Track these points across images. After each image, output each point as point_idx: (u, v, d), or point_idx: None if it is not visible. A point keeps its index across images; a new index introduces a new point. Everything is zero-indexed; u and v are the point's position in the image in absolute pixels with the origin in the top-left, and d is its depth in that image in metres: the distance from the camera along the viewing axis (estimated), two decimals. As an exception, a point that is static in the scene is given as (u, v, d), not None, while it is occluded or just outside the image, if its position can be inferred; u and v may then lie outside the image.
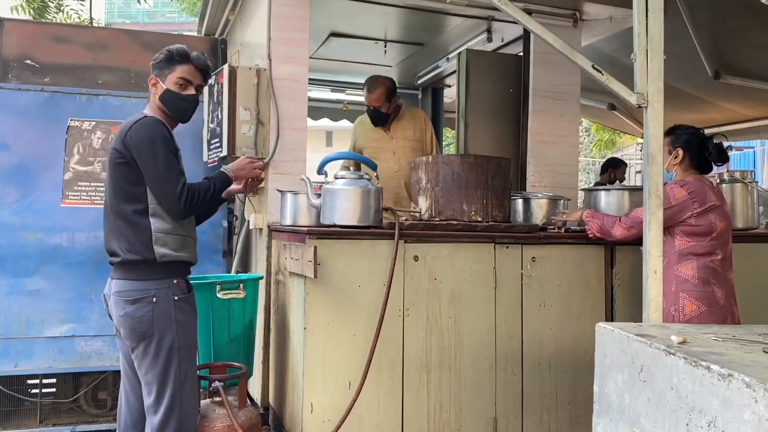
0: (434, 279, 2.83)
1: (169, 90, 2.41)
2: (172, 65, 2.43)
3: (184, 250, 2.39)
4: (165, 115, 2.44)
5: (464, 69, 4.27)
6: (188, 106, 2.47)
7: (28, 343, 3.51)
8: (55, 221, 3.61)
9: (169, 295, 2.31)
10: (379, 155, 4.03)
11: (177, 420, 2.29)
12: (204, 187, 2.36)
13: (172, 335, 2.30)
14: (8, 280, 3.51)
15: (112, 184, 2.34)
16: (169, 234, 2.33)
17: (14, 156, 3.60)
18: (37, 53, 3.80)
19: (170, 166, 2.28)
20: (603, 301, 3.12)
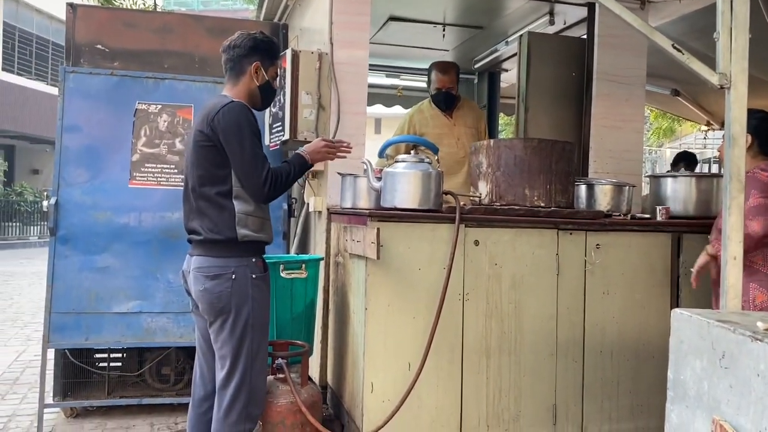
0: (495, 264, 2.82)
1: (269, 82, 2.52)
2: (273, 59, 2.54)
3: (263, 231, 2.47)
4: (250, 101, 2.49)
5: (525, 52, 4.20)
6: (273, 99, 2.67)
7: (98, 318, 3.65)
8: (123, 201, 3.73)
9: (247, 273, 2.38)
10: (442, 141, 4.03)
11: (247, 394, 2.37)
12: (285, 172, 2.42)
13: (247, 311, 2.37)
14: (79, 257, 3.65)
15: (196, 165, 2.41)
16: (250, 216, 2.41)
17: (85, 138, 3.73)
18: (107, 38, 3.92)
19: (256, 152, 2.34)
20: (668, 291, 3.04)
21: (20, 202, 18.90)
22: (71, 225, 3.65)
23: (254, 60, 2.47)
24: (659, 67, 4.62)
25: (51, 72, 20.27)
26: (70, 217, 3.66)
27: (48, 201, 3.67)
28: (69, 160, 3.69)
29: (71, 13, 3.85)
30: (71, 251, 3.64)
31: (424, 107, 4.26)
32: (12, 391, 4.38)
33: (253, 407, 2.41)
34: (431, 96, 4.21)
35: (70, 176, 3.68)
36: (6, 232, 18.26)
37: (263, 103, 2.58)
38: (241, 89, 2.48)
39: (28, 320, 7.07)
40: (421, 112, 4.25)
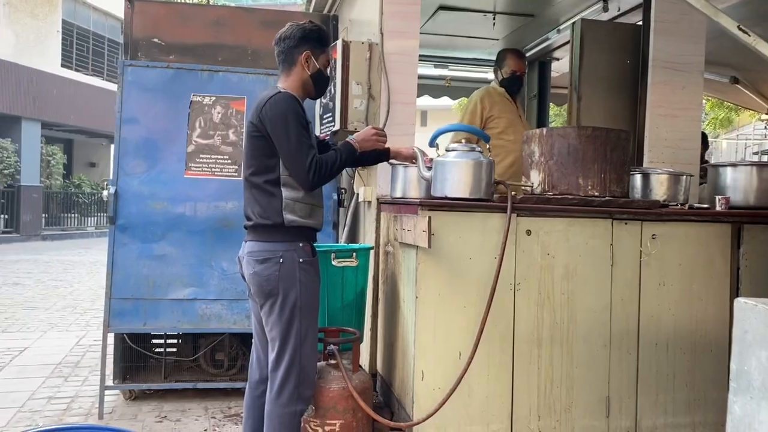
0: (547, 254, 2.79)
1: (320, 71, 2.55)
2: (324, 47, 2.57)
3: (311, 217, 2.52)
4: (303, 90, 2.55)
5: (578, 40, 4.13)
6: (326, 88, 2.71)
7: (155, 304, 3.76)
8: (179, 191, 3.83)
9: (295, 257, 2.44)
10: (516, 127, 4.03)
11: (297, 375, 2.43)
12: (331, 160, 2.46)
13: (295, 294, 2.43)
14: (138, 245, 3.77)
15: (248, 155, 2.51)
16: (298, 202, 2.47)
17: (143, 129, 3.85)
18: (163, 32, 4.02)
19: (301, 141, 2.39)
20: (728, 282, 2.96)
21: (78, 194, 19.60)
22: (130, 214, 3.77)
23: (304, 50, 2.51)
24: (718, 54, 4.48)
25: (107, 68, 20.90)
26: (129, 206, 3.78)
27: (108, 191, 3.80)
28: (128, 151, 3.81)
29: (129, 8, 3.97)
30: (130, 239, 3.77)
31: (491, 91, 4.23)
32: (74, 374, 4.56)
33: (304, 388, 2.46)
34: (503, 80, 4.21)
35: (128, 167, 3.80)
36: (65, 223, 18.97)
37: (317, 92, 2.61)
38: (293, 80, 2.53)
39: (87, 307, 7.34)
40: (490, 95, 4.19)
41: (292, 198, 2.45)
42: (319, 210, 2.58)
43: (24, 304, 7.40)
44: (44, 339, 5.62)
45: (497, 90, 4.22)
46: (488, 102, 4.13)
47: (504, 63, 4.23)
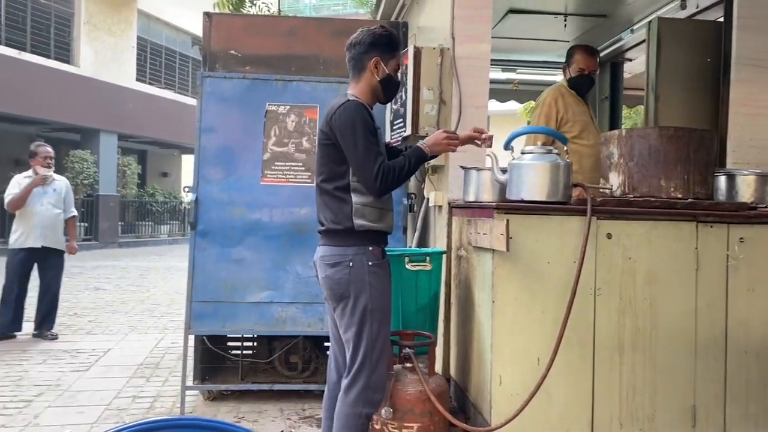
0: (628, 258, 2.72)
1: (390, 76, 2.56)
2: (394, 51, 2.57)
3: (381, 221, 2.55)
4: (373, 96, 2.59)
5: (655, 39, 4.02)
6: (397, 91, 2.71)
7: (233, 306, 3.87)
8: (256, 197, 3.94)
9: (364, 260, 2.48)
10: (590, 130, 3.89)
11: (366, 377, 2.46)
12: (399, 165, 2.47)
13: (366, 297, 2.47)
14: (217, 249, 3.90)
15: (319, 162, 2.58)
16: (367, 207, 2.50)
17: (221, 138, 3.98)
18: (239, 44, 4.16)
19: (368, 148, 2.42)
20: (823, 288, 2.80)
21: (152, 203, 20.39)
22: (209, 220, 3.91)
23: (373, 55, 2.53)
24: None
25: (178, 81, 21.71)
26: (209, 212, 3.91)
27: (188, 198, 3.94)
28: (207, 159, 3.95)
29: (207, 22, 4.12)
30: (209, 244, 3.90)
31: (563, 92, 4.01)
32: (155, 375, 4.75)
33: (373, 392, 2.48)
34: (571, 79, 3.99)
35: (208, 174, 3.94)
36: (140, 231, 19.76)
37: (386, 97, 2.64)
38: (363, 86, 2.57)
39: (164, 311, 7.62)
40: (563, 96, 3.98)
41: (362, 203, 2.49)
42: (389, 214, 2.60)
43: (105, 307, 7.75)
44: (126, 341, 5.87)
45: (568, 90, 4.01)
46: (562, 104, 3.94)
47: (572, 60, 4.01)
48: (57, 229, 5.95)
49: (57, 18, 16.78)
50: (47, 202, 5.88)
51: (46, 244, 5.85)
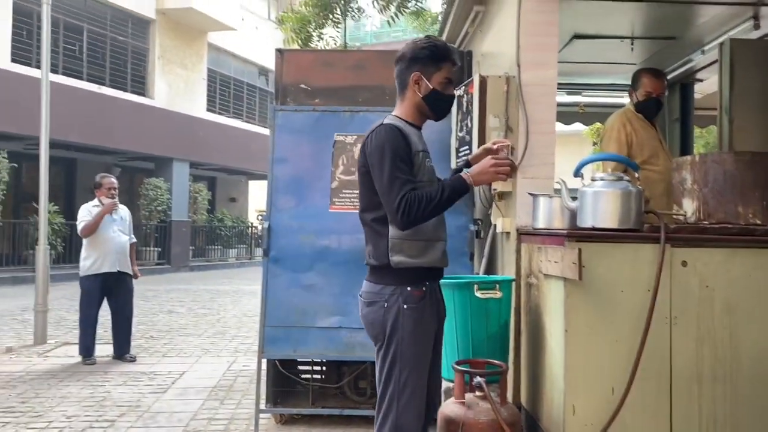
0: (705, 286, 2.65)
1: (435, 90, 2.34)
2: (438, 63, 2.33)
3: (424, 256, 2.32)
4: (419, 115, 2.39)
5: (728, 60, 3.93)
6: (448, 106, 2.44)
7: (304, 331, 3.97)
8: (324, 225, 4.05)
9: (400, 302, 2.28)
10: (659, 155, 3.81)
11: (392, 425, 2.30)
12: (429, 196, 2.23)
13: (397, 342, 2.29)
14: (288, 275, 4.02)
15: (359, 191, 2.45)
16: (406, 240, 2.29)
17: (292, 168, 4.13)
18: (309, 78, 4.32)
19: (393, 176, 2.21)
20: None
21: (221, 228, 21.04)
22: (281, 247, 4.04)
23: (414, 70, 2.34)
24: None
25: (246, 110, 22.48)
26: (280, 239, 4.05)
27: (262, 225, 4.09)
28: (279, 188, 4.10)
29: (279, 58, 4.30)
30: (281, 270, 4.03)
31: (629, 116, 3.92)
32: (228, 397, 4.89)
33: None
34: (638, 103, 3.92)
35: (279, 203, 4.09)
36: (209, 255, 20.40)
37: (436, 114, 2.41)
38: (407, 105, 2.39)
39: (234, 334, 7.84)
40: (630, 121, 3.88)
41: (399, 237, 2.27)
42: (436, 246, 2.36)
43: (179, 330, 8.04)
44: (199, 363, 6.07)
45: (634, 114, 3.93)
46: (630, 128, 3.86)
47: (639, 84, 3.93)
48: (126, 254, 6.26)
49: (133, 53, 17.73)
50: (117, 229, 6.19)
51: (121, 268, 6.16)
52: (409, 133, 2.32)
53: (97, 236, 6.08)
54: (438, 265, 2.39)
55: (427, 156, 2.39)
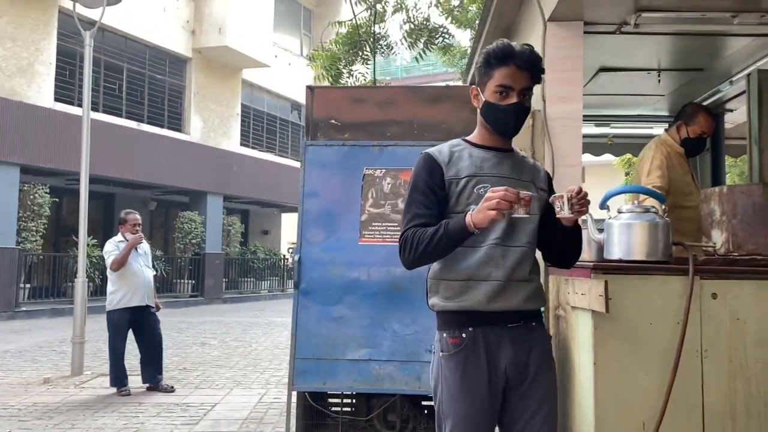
0: (737, 319, 2.62)
1: (487, 102, 2.08)
2: (490, 70, 2.05)
3: (463, 297, 2.08)
4: (488, 133, 2.16)
5: (756, 91, 3.92)
6: (508, 119, 2.08)
7: (333, 364, 4.00)
8: (354, 257, 4.10)
9: (438, 350, 2.14)
10: (693, 191, 3.77)
11: None
12: (428, 235, 2.01)
13: (439, 396, 2.15)
14: (318, 308, 4.07)
15: None
16: (443, 280, 2.11)
17: (322, 202, 4.21)
18: (339, 113, 4.43)
19: (407, 209, 2.12)
20: None
21: (253, 260, 21.28)
22: (311, 279, 4.10)
23: (473, 86, 2.16)
24: None
25: (279, 144, 22.90)
26: (311, 271, 4.11)
27: (293, 257, 4.17)
28: (309, 221, 4.18)
29: (310, 94, 4.42)
30: (311, 303, 4.08)
31: (670, 149, 3.87)
32: (259, 430, 4.93)
33: None
34: (687, 139, 3.87)
35: (310, 236, 4.16)
36: (242, 287, 20.62)
37: (498, 126, 2.11)
38: (478, 124, 2.21)
39: (266, 366, 7.89)
40: (670, 156, 3.84)
41: (435, 276, 2.12)
42: (480, 286, 2.06)
43: (211, 362, 8.12)
44: (231, 395, 6.13)
45: (674, 148, 3.88)
46: (673, 160, 3.83)
47: (694, 121, 3.85)
48: (152, 287, 6.41)
49: (170, 91, 18.29)
50: (143, 263, 6.36)
51: (149, 302, 6.31)
52: (449, 158, 2.12)
53: (126, 270, 6.23)
54: (482, 308, 2.06)
55: (481, 182, 2.07)
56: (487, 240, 2.09)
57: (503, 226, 2.08)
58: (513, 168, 2.18)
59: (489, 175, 2.10)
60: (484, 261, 2.08)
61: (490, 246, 2.09)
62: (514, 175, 2.15)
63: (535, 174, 2.27)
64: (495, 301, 2.08)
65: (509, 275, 2.09)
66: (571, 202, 2.04)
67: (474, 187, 2.08)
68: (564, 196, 2.06)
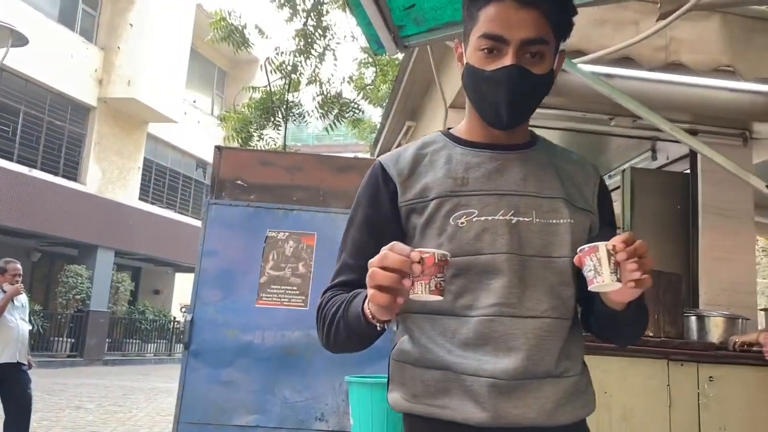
0: (604, 392, 2.83)
1: (468, 66, 1.26)
2: (475, 10, 1.23)
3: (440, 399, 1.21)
4: (478, 120, 1.30)
5: (629, 186, 4.36)
6: (498, 95, 1.22)
7: (218, 429, 3.90)
8: (250, 319, 4.08)
9: None
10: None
11: None
12: (330, 314, 1.23)
13: None
14: (208, 370, 3.99)
15: None
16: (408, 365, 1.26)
17: (221, 261, 4.20)
18: (246, 174, 4.49)
19: (339, 253, 1.32)
20: (794, 430, 2.90)
21: (141, 321, 20.23)
22: (203, 341, 4.03)
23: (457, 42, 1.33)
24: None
25: (179, 201, 22.34)
26: (203, 333, 4.04)
27: (185, 317, 4.09)
28: (206, 281, 4.14)
29: (218, 154, 4.47)
30: (201, 365, 3.99)
31: None
32: (132, 499, 4.62)
33: None
34: None
35: (205, 296, 4.11)
36: (126, 349, 19.44)
37: (483, 106, 1.27)
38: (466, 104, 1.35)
39: (145, 433, 7.45)
40: None
41: (401, 355, 1.27)
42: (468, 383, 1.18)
43: (86, 427, 7.57)
44: (104, 463, 5.72)
45: None
46: None
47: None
48: (27, 343, 5.98)
49: (69, 138, 17.61)
50: (19, 317, 5.95)
51: (20, 359, 5.86)
52: (410, 168, 1.27)
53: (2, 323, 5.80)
54: (473, 422, 1.16)
55: (461, 207, 1.21)
56: (478, 304, 1.19)
57: (508, 279, 1.19)
58: (527, 176, 1.26)
59: (476, 192, 1.23)
60: (475, 342, 1.18)
61: (486, 317, 1.18)
62: (526, 190, 1.25)
63: (580, 183, 1.32)
64: (496, 410, 1.16)
65: (522, 367, 1.17)
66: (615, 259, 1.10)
67: (449, 215, 1.21)
68: (602, 250, 1.10)
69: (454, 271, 1.18)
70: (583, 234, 1.27)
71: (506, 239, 1.21)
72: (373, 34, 2.39)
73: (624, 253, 1.09)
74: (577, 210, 1.28)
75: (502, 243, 1.20)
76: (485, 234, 1.21)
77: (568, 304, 1.25)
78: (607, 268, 1.09)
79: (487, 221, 1.22)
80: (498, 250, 1.20)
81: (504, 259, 1.19)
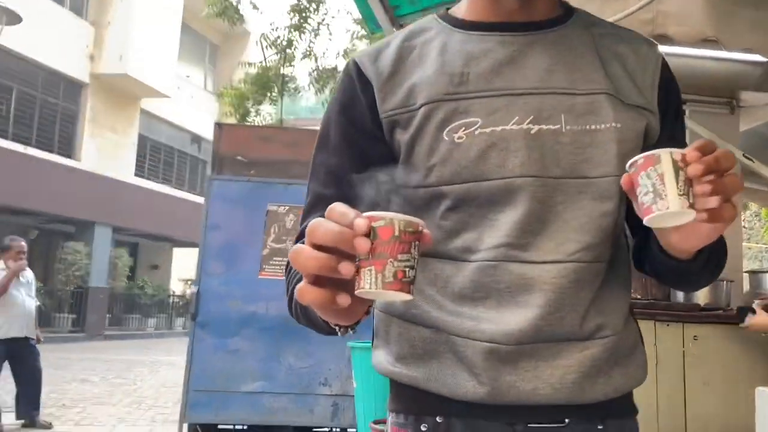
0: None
1: None
2: None
3: (427, 363, 0.91)
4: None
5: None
6: None
7: (227, 396, 4.06)
8: (253, 291, 4.22)
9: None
10: None
11: None
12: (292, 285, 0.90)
13: None
14: (213, 340, 4.14)
15: None
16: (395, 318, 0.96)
17: (224, 235, 4.32)
18: (246, 150, 4.59)
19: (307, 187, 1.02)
20: (773, 384, 3.07)
21: (141, 296, 20.42)
22: (209, 312, 4.17)
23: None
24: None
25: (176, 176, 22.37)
26: (208, 304, 4.18)
27: (191, 290, 4.22)
28: (210, 254, 4.27)
29: (218, 130, 4.57)
30: (207, 335, 4.14)
31: None
32: (143, 465, 4.81)
33: None
34: None
35: (210, 268, 4.24)
36: (127, 324, 19.67)
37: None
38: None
39: (151, 403, 7.64)
40: None
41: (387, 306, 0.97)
42: (461, 346, 0.88)
43: (93, 399, 7.76)
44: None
45: None
46: None
47: None
48: (33, 318, 6.12)
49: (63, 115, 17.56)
50: (24, 292, 6.08)
51: (28, 333, 6.01)
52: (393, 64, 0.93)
53: (6, 299, 5.93)
54: (468, 397, 0.87)
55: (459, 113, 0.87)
56: (480, 245, 0.88)
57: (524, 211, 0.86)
58: (554, 65, 0.91)
59: (480, 93, 0.89)
60: (472, 295, 0.88)
61: (488, 261, 0.87)
62: (552, 85, 0.89)
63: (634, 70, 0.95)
64: (497, 384, 0.86)
65: (533, 328, 0.86)
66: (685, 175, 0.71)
67: (443, 126, 0.88)
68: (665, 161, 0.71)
69: (450, 203, 0.86)
70: (636, 142, 0.88)
71: (522, 157, 0.84)
72: (370, 14, 2.48)
73: (699, 164, 0.69)
74: (628, 108, 0.89)
75: (515, 163, 0.84)
76: (492, 151, 0.85)
77: (608, 243, 0.88)
78: (674, 188, 0.69)
79: (494, 133, 0.85)
80: (510, 174, 0.84)
81: (519, 185, 0.84)
